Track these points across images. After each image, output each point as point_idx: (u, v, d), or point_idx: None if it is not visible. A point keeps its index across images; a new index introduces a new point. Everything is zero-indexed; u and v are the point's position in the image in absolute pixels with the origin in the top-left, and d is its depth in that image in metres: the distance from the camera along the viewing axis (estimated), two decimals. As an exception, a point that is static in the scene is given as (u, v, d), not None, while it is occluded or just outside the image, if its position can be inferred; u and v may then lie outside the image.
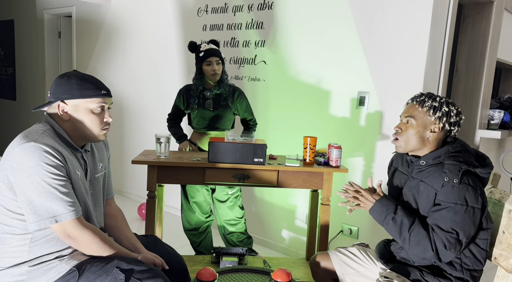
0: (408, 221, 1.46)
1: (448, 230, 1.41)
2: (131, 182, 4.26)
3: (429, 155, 1.54)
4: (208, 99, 2.50)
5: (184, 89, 2.56)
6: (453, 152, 1.50)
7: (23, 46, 5.42)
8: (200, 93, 2.51)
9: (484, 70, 2.90)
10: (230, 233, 2.66)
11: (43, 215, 1.29)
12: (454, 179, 1.42)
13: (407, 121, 1.54)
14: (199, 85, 2.49)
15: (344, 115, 2.74)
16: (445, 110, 1.51)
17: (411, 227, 1.45)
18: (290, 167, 2.16)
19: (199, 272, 1.82)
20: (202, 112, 2.51)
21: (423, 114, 1.52)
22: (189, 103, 2.52)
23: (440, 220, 1.43)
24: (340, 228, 2.80)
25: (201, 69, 2.46)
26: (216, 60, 2.43)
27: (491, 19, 2.86)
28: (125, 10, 4.08)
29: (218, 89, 2.50)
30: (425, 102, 1.52)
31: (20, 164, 1.28)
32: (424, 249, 1.43)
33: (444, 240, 1.41)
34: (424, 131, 1.52)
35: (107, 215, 1.63)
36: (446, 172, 1.45)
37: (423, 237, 1.43)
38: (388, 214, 1.49)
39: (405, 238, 1.46)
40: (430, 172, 1.51)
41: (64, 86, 1.40)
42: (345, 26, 2.67)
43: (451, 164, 1.46)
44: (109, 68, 4.31)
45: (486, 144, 3.19)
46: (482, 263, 1.51)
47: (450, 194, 1.42)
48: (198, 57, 2.46)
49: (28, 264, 1.33)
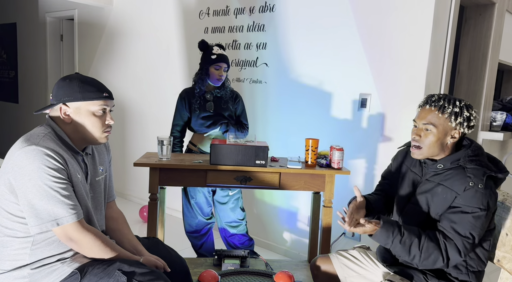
0: (417, 239, 1.42)
1: (465, 235, 1.38)
2: (133, 185, 4.26)
3: (447, 158, 1.49)
4: (209, 101, 2.51)
5: (185, 92, 2.56)
6: (473, 155, 1.46)
7: (26, 49, 5.44)
8: (201, 95, 2.51)
9: (486, 71, 2.90)
10: (232, 235, 2.65)
11: (45, 218, 1.29)
12: (479, 184, 1.39)
13: (426, 128, 1.48)
14: (201, 85, 2.50)
15: (346, 117, 2.73)
16: (466, 116, 1.45)
17: (420, 244, 1.41)
18: (292, 169, 2.15)
19: (201, 274, 1.82)
20: (203, 114, 2.51)
21: (443, 121, 1.45)
22: (192, 105, 2.52)
23: (458, 223, 1.39)
24: (342, 230, 2.79)
25: (208, 70, 2.47)
26: (225, 66, 2.47)
27: (493, 21, 2.86)
28: (127, 13, 4.09)
29: (218, 92, 2.52)
30: (446, 108, 1.44)
31: (21, 167, 1.28)
32: (434, 261, 1.41)
33: (459, 246, 1.38)
34: (444, 137, 1.47)
35: (109, 218, 1.63)
36: (471, 177, 1.41)
37: (434, 250, 1.40)
38: (394, 238, 1.43)
39: (415, 256, 1.43)
40: (449, 175, 1.47)
41: (66, 88, 1.40)
42: (346, 28, 2.67)
43: (475, 169, 1.42)
44: (111, 70, 4.32)
45: (488, 145, 3.18)
46: (485, 263, 1.50)
47: (473, 198, 1.39)
48: (209, 59, 2.46)
49: (30, 267, 1.33)
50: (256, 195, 3.25)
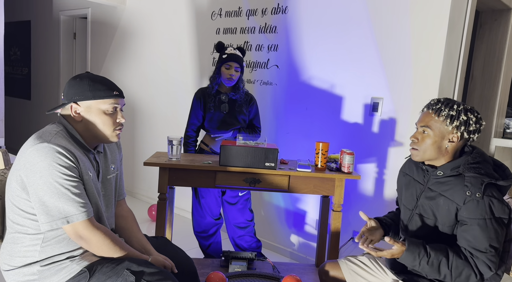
0: (444, 258, 1.39)
1: (487, 250, 1.36)
2: (142, 183, 4.28)
3: (447, 165, 1.48)
4: (224, 103, 2.52)
5: (200, 92, 2.57)
6: (473, 163, 1.44)
7: (39, 46, 5.50)
8: (216, 96, 2.52)
9: (501, 77, 2.86)
10: (240, 236, 2.65)
11: (55, 215, 1.29)
12: (477, 193, 1.38)
13: (423, 130, 1.49)
14: (215, 84, 2.51)
15: (357, 120, 2.71)
16: (463, 119, 1.44)
17: (449, 263, 1.39)
18: (302, 172, 2.14)
19: (209, 275, 1.81)
20: (217, 114, 2.52)
21: (439, 124, 1.45)
22: (206, 105, 2.53)
23: (474, 242, 1.38)
24: (351, 235, 2.76)
25: (219, 70, 2.49)
26: (235, 65, 2.46)
27: (508, 26, 2.82)
28: (140, 13, 4.11)
29: (233, 95, 2.53)
30: (442, 110, 1.45)
31: (33, 164, 1.28)
32: (467, 277, 1.39)
33: (487, 262, 1.36)
34: (441, 141, 1.46)
35: (118, 216, 1.64)
36: (468, 186, 1.40)
37: (464, 266, 1.38)
38: (421, 259, 1.41)
39: (446, 275, 1.40)
40: (449, 185, 1.45)
41: (76, 87, 1.41)
42: (360, 32, 2.65)
43: (472, 177, 1.41)
44: (123, 69, 4.35)
45: (501, 153, 3.14)
46: (501, 276, 1.48)
47: (476, 209, 1.38)
48: (220, 58, 2.50)
49: (39, 264, 1.34)
50: (264, 197, 3.24)
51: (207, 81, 3.57)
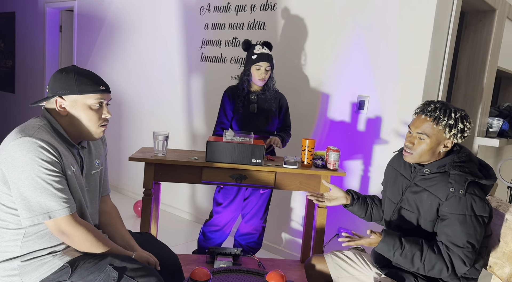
0: (418, 251, 1.43)
1: (464, 246, 1.39)
2: (128, 179, 4.25)
3: (434, 163, 1.51)
4: (253, 103, 2.44)
5: (230, 90, 2.48)
6: (458, 162, 1.47)
7: (24, 39, 5.40)
8: (246, 96, 2.44)
9: (485, 77, 2.90)
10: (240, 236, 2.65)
11: (37, 210, 1.28)
12: (459, 190, 1.41)
13: (420, 137, 1.49)
14: (246, 86, 2.43)
15: (344, 118, 2.73)
16: (461, 127, 1.45)
17: (422, 256, 1.42)
18: (288, 169, 2.15)
19: (193, 271, 1.81)
20: (246, 115, 2.44)
21: (437, 131, 1.46)
22: (236, 104, 2.44)
23: (453, 237, 1.41)
24: (336, 232, 2.79)
25: (249, 71, 2.41)
26: (266, 66, 2.37)
27: (493, 27, 2.86)
28: (127, 7, 4.06)
29: (263, 93, 2.45)
30: (441, 119, 1.44)
31: (15, 158, 1.26)
32: (439, 271, 1.42)
33: (463, 257, 1.39)
34: (437, 146, 1.48)
35: (102, 212, 1.62)
36: (452, 183, 1.43)
37: (437, 260, 1.41)
38: (395, 250, 1.45)
39: (419, 268, 1.44)
40: (434, 181, 1.48)
41: (62, 81, 1.39)
42: (346, 30, 2.67)
43: (457, 175, 1.44)
44: (109, 64, 4.30)
45: (484, 152, 3.19)
46: (479, 270, 1.51)
47: (457, 205, 1.41)
48: (250, 59, 2.40)
49: (20, 259, 1.32)
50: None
51: (195, 76, 3.57)
